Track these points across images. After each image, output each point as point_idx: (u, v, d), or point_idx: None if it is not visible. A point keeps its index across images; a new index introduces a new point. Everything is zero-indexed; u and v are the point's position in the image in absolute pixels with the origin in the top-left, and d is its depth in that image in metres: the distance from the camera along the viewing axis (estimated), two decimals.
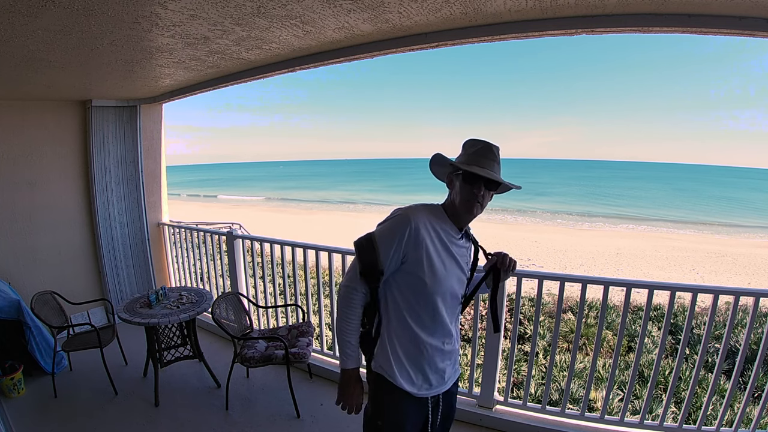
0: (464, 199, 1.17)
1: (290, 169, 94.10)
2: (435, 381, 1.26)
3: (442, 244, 1.19)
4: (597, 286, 2.05)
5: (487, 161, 1.16)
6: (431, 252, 1.16)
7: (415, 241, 1.14)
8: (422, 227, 1.15)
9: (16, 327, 2.71)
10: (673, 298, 1.93)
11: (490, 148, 1.18)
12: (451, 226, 1.22)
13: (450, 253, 1.21)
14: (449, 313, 1.24)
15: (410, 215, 1.16)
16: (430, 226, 1.18)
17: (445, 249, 1.20)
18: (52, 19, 1.54)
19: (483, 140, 1.20)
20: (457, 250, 1.24)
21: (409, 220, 1.15)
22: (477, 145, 1.19)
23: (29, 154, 3.31)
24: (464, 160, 1.19)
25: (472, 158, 1.17)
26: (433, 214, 1.21)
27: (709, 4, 1.43)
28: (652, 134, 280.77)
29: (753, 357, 2.41)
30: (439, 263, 1.18)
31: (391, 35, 1.93)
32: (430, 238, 1.16)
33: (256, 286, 3.34)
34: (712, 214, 24.82)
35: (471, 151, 1.19)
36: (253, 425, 2.32)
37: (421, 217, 1.16)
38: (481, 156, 1.17)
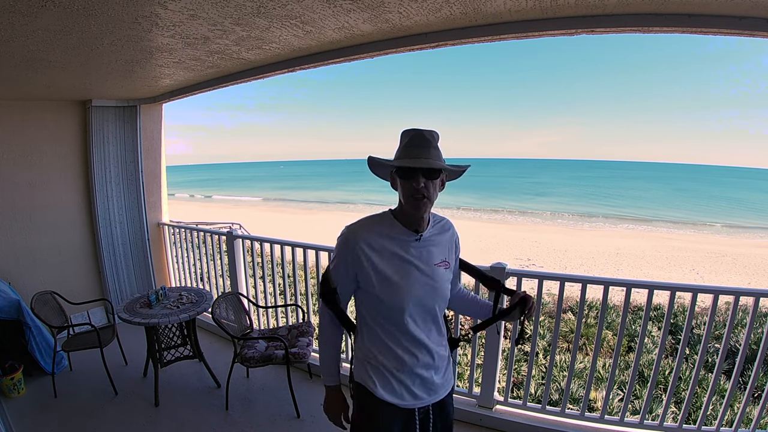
0: (407, 197, 1.08)
1: (290, 169, 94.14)
2: (421, 392, 1.17)
3: (394, 254, 1.12)
4: (597, 286, 2.06)
5: (419, 150, 1.07)
6: (380, 267, 1.10)
7: (358, 261, 1.10)
8: (363, 244, 1.10)
9: (16, 327, 2.71)
10: (673, 298, 1.93)
11: (422, 135, 1.09)
12: (403, 231, 1.13)
13: (407, 261, 1.12)
14: (420, 323, 1.15)
15: (349, 235, 1.12)
16: (375, 240, 1.11)
17: (399, 258, 1.12)
18: (52, 19, 1.54)
19: (415, 128, 1.11)
20: (418, 253, 1.14)
21: (347, 241, 1.11)
22: (408, 135, 1.11)
23: (29, 154, 3.31)
24: (397, 156, 1.11)
25: (404, 151, 1.09)
26: (379, 224, 1.14)
27: (709, 4, 1.43)
28: (652, 134, 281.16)
29: (753, 357, 2.41)
30: (394, 275, 1.10)
31: (391, 35, 1.93)
32: (376, 252, 1.10)
33: (256, 286, 3.34)
34: (712, 214, 24.84)
35: (402, 145, 1.11)
36: (253, 425, 2.32)
37: (361, 234, 1.11)
38: (413, 146, 1.08)
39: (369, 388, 1.15)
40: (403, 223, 1.14)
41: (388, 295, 1.10)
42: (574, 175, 62.17)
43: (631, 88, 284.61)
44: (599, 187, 42.63)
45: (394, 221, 1.14)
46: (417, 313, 1.14)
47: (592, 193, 36.91)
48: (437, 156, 1.09)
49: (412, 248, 1.14)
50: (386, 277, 1.10)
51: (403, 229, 1.13)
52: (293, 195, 37.81)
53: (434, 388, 1.19)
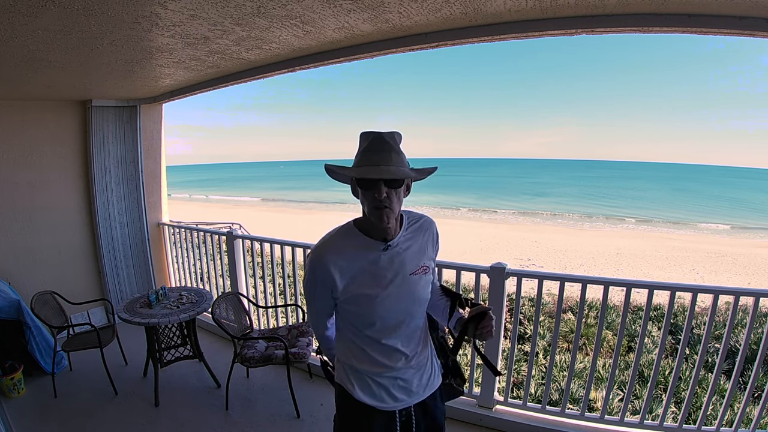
0: (370, 208, 1.03)
1: (290, 169, 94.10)
2: (400, 395, 1.16)
3: (363, 269, 1.08)
4: (597, 286, 2.06)
5: (379, 155, 1.00)
6: (350, 286, 1.07)
7: (329, 282, 1.07)
8: (331, 265, 1.06)
9: (16, 327, 2.71)
10: (673, 298, 1.93)
11: (381, 139, 1.02)
12: (369, 242, 1.08)
13: (377, 274, 1.09)
14: (396, 331, 1.13)
15: (315, 260, 1.08)
16: (342, 258, 1.07)
17: (368, 272, 1.08)
18: (52, 19, 1.54)
19: (374, 132, 1.04)
20: (388, 263, 1.10)
21: (314, 267, 1.08)
22: (367, 139, 1.04)
23: (29, 154, 3.31)
24: (355, 161, 1.05)
25: (363, 157, 1.02)
26: (343, 239, 1.10)
27: (709, 4, 1.43)
28: (652, 134, 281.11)
29: (753, 357, 2.41)
30: (366, 290, 1.08)
31: (391, 35, 1.93)
32: (345, 271, 1.07)
33: (256, 286, 3.34)
34: (712, 214, 24.84)
35: (360, 150, 1.05)
36: (253, 425, 2.32)
37: (328, 256, 1.07)
38: (372, 151, 1.01)
39: (348, 390, 1.16)
40: (369, 233, 1.09)
41: (361, 309, 1.10)
42: (574, 175, 62.17)
43: (631, 88, 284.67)
44: (599, 187, 42.64)
45: (358, 234, 1.09)
46: (392, 323, 1.12)
47: (592, 193, 36.92)
48: (399, 161, 1.02)
49: (382, 259, 1.09)
50: (358, 294, 1.08)
51: (368, 240, 1.08)
52: (293, 195, 37.82)
53: (415, 390, 1.18)
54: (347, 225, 1.13)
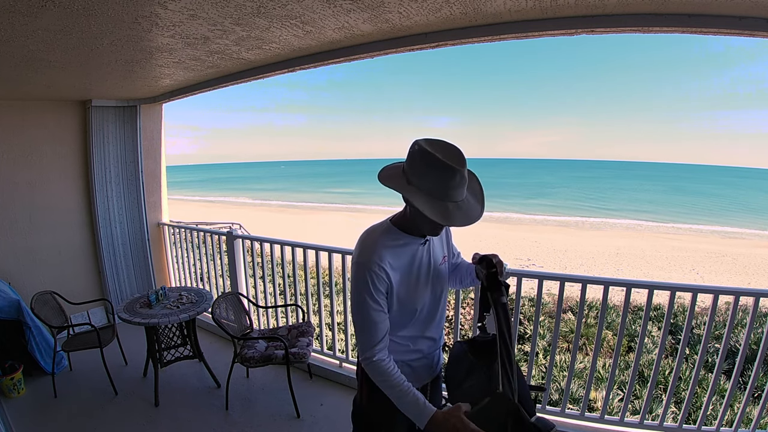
0: (432, 227, 1.08)
1: (291, 169, 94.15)
2: (426, 374, 1.28)
3: (407, 264, 1.13)
4: (597, 286, 2.05)
5: (457, 191, 1.01)
6: (399, 282, 1.11)
7: (386, 281, 1.08)
8: (387, 267, 1.08)
9: (16, 327, 2.71)
10: (673, 298, 1.93)
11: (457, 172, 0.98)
12: (411, 238, 1.14)
13: (417, 267, 1.15)
14: (428, 318, 1.23)
15: (370, 264, 1.06)
16: (392, 258, 1.10)
17: (411, 268, 1.14)
18: (52, 19, 1.54)
19: (446, 162, 0.98)
20: (426, 256, 1.18)
21: (373, 272, 1.06)
22: (437, 166, 0.98)
23: (29, 154, 3.31)
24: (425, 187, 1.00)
25: (437, 187, 0.99)
26: (389, 239, 1.12)
27: (709, 4, 1.43)
28: (652, 134, 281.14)
29: (753, 357, 2.41)
30: (410, 285, 1.14)
31: (391, 35, 1.93)
32: (395, 269, 1.10)
33: (256, 286, 3.34)
34: (712, 214, 24.83)
35: (433, 176, 0.99)
36: (253, 425, 2.32)
37: (383, 257, 1.07)
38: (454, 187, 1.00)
39: None
40: (410, 231, 1.13)
41: (405, 304, 1.15)
42: (574, 174, 62.18)
43: (631, 88, 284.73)
44: (599, 187, 42.64)
45: (399, 232, 1.13)
46: (429, 313, 1.22)
47: (592, 193, 36.92)
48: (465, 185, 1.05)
49: (420, 252, 1.16)
50: (405, 290, 1.13)
51: (409, 237, 1.14)
52: (294, 195, 37.82)
53: (435, 367, 1.32)
54: (386, 225, 1.16)
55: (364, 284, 1.07)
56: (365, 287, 1.07)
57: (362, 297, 1.08)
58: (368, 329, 1.09)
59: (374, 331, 1.09)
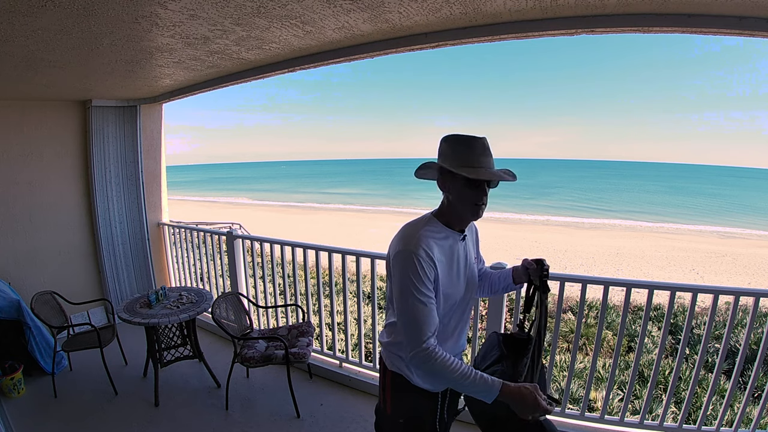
0: (471, 204, 1.11)
1: (292, 169, 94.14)
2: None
3: (450, 257, 1.15)
4: (597, 286, 2.05)
5: (486, 159, 1.09)
6: (443, 273, 1.12)
7: (434, 269, 1.09)
8: (435, 257, 1.09)
9: (16, 327, 2.71)
10: (673, 298, 1.92)
11: (484, 144, 1.10)
12: (452, 232, 1.17)
13: (457, 262, 1.18)
14: (464, 318, 1.26)
15: (420, 253, 1.06)
16: (438, 249, 1.11)
17: (452, 261, 1.16)
18: (52, 19, 1.54)
19: (469, 136, 1.10)
20: (464, 252, 1.21)
21: (423, 260, 1.06)
22: (467, 143, 1.09)
23: (29, 154, 3.31)
24: (461, 163, 1.08)
25: (469, 158, 1.08)
26: (435, 230, 1.14)
27: (709, 4, 1.43)
28: (652, 134, 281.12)
29: (753, 357, 2.41)
30: (451, 278, 1.16)
31: (391, 35, 1.93)
32: (441, 261, 1.12)
33: (256, 286, 3.33)
34: (712, 214, 24.83)
35: (463, 151, 1.09)
36: (253, 425, 2.32)
37: (430, 247, 1.09)
38: (479, 155, 1.08)
39: (406, 376, 1.21)
40: (450, 225, 1.16)
41: (443, 299, 1.14)
42: (574, 174, 62.17)
43: (632, 89, 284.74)
44: (599, 187, 42.63)
45: (442, 226, 1.16)
46: (461, 310, 1.24)
47: (592, 193, 36.91)
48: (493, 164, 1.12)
49: (459, 248, 1.19)
50: (446, 282, 1.14)
51: (450, 231, 1.16)
52: (294, 195, 37.81)
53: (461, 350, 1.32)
54: (429, 217, 1.18)
55: (415, 271, 1.05)
56: (416, 274, 1.05)
57: (413, 285, 1.05)
58: (422, 319, 1.05)
59: (429, 321, 1.06)
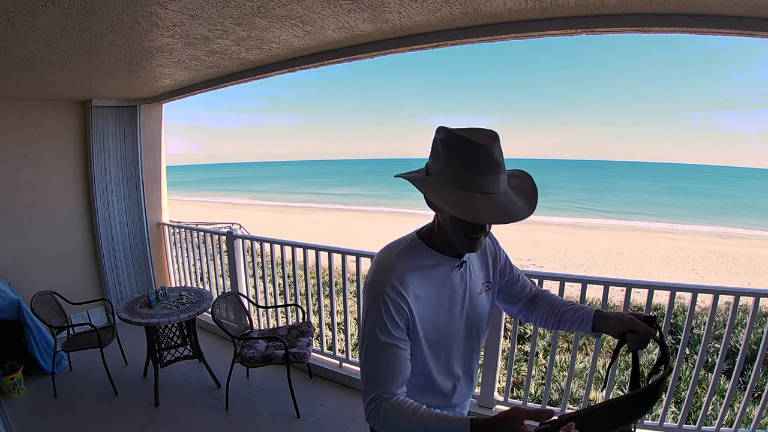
0: (461, 236, 0.82)
1: (293, 169, 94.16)
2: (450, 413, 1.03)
3: (437, 293, 0.90)
4: (597, 286, 2.06)
5: (490, 179, 0.75)
6: (424, 315, 0.88)
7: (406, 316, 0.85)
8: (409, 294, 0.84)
9: (16, 327, 2.71)
10: (673, 298, 1.93)
11: (491, 155, 0.74)
12: (442, 259, 0.90)
13: (453, 297, 0.92)
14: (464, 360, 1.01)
15: (387, 288, 0.83)
16: (417, 282, 0.86)
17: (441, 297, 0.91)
18: (52, 19, 1.54)
19: (475, 142, 0.74)
20: (461, 282, 0.93)
21: (388, 298, 0.83)
22: (468, 153, 0.74)
23: (29, 154, 3.31)
24: (453, 180, 0.76)
25: (466, 178, 0.74)
26: (414, 258, 0.88)
27: (709, 4, 1.43)
28: (653, 134, 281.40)
29: (753, 357, 2.41)
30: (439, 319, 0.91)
31: (391, 35, 1.93)
32: (421, 299, 0.87)
33: (256, 286, 3.34)
34: (712, 214, 24.83)
35: (460, 164, 0.75)
36: (253, 425, 2.32)
37: (404, 280, 0.84)
38: (478, 173, 0.74)
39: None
40: (440, 249, 0.89)
41: (432, 342, 0.91)
42: (574, 174, 62.20)
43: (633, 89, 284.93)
44: (599, 187, 42.64)
45: (428, 250, 0.89)
46: (461, 352, 0.99)
47: (592, 193, 36.92)
48: (505, 179, 0.79)
49: (454, 277, 0.92)
50: (431, 325, 0.89)
51: (440, 257, 0.89)
52: (294, 195, 37.83)
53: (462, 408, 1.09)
54: (412, 239, 0.91)
55: (376, 313, 0.83)
56: (377, 317, 0.83)
57: (372, 329, 0.83)
58: (383, 367, 0.83)
59: (393, 369, 0.83)
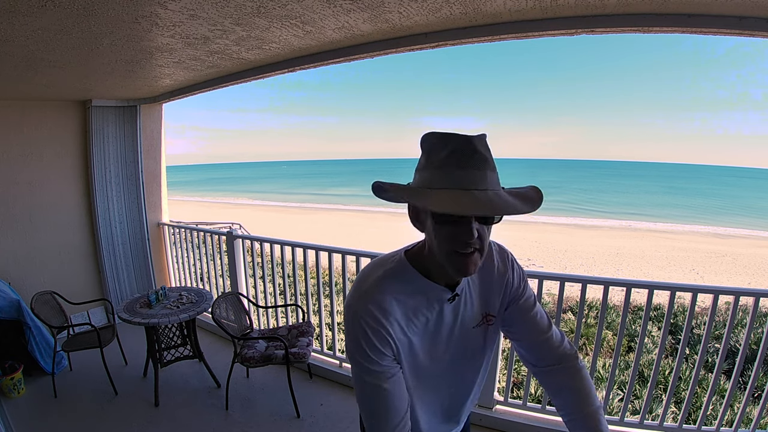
0: (448, 250, 0.70)
1: (293, 169, 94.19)
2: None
3: (426, 326, 0.79)
4: (597, 286, 2.05)
5: (470, 174, 0.66)
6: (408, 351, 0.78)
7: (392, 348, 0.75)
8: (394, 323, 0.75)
9: (16, 327, 2.71)
10: (673, 298, 1.93)
11: (471, 147, 0.66)
12: (433, 288, 0.77)
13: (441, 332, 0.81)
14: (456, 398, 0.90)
15: (370, 317, 0.73)
16: (402, 312, 0.76)
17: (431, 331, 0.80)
18: (52, 19, 1.54)
19: (454, 134, 0.68)
20: (452, 315, 0.81)
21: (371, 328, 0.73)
22: (445, 146, 0.67)
23: (29, 154, 3.31)
24: (429, 180, 0.68)
25: (443, 175, 0.67)
26: (400, 283, 0.77)
27: (709, 4, 1.43)
28: (652, 134, 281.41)
29: (753, 357, 2.41)
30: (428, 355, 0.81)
31: (391, 35, 1.93)
32: (406, 331, 0.77)
33: (256, 286, 3.34)
34: (712, 214, 24.83)
35: (437, 160, 0.67)
36: (254, 425, 2.32)
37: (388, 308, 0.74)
38: (459, 167, 0.66)
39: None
40: (429, 275, 0.77)
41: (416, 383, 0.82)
42: (574, 174, 62.19)
43: (633, 89, 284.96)
44: (599, 187, 42.64)
45: (417, 275, 0.77)
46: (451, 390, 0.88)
47: (592, 193, 36.91)
48: (496, 182, 0.69)
49: (445, 312, 0.80)
50: (414, 362, 0.80)
51: (430, 285, 0.77)
52: (294, 195, 37.83)
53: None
54: (399, 260, 0.79)
55: (358, 342, 0.73)
56: (359, 348, 0.73)
57: (360, 361, 0.74)
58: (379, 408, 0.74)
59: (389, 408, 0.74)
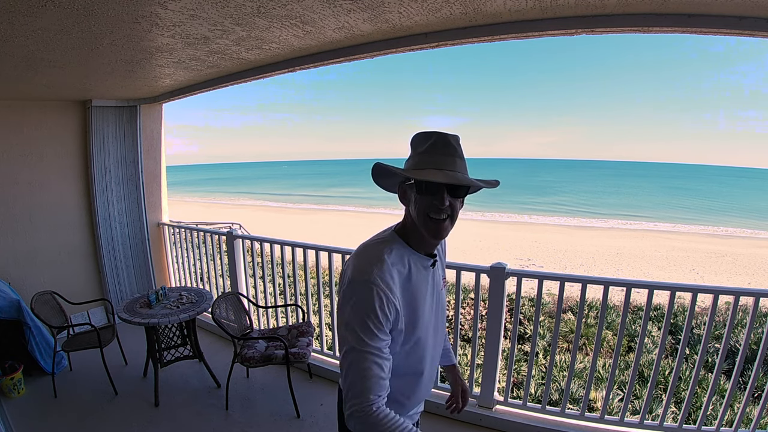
0: (425, 217, 0.88)
1: (293, 169, 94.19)
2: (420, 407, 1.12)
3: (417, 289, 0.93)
4: (597, 286, 2.05)
5: (444, 159, 0.87)
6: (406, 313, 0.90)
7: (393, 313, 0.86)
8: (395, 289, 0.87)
9: (16, 327, 2.71)
10: (673, 298, 1.93)
11: (446, 140, 0.88)
12: (418, 257, 0.94)
13: (427, 294, 0.97)
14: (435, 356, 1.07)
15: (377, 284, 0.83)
16: (400, 278, 0.89)
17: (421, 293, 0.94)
18: (52, 19, 1.54)
19: (435, 131, 0.90)
20: (432, 280, 0.99)
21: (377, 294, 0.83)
22: (428, 140, 0.89)
23: (29, 154, 3.31)
24: (414, 164, 0.89)
25: (425, 159, 0.87)
26: (396, 254, 0.91)
27: (709, 4, 1.43)
28: (652, 134, 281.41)
29: (753, 357, 2.41)
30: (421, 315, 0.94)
31: (391, 35, 1.93)
32: (404, 294, 0.90)
33: (256, 286, 3.34)
34: (712, 214, 24.84)
35: (421, 150, 0.89)
36: (253, 425, 2.32)
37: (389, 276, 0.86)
38: (436, 153, 0.87)
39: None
40: (415, 246, 0.94)
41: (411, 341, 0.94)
42: (574, 174, 62.21)
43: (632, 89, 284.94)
44: (599, 187, 42.65)
45: (406, 247, 0.93)
46: (435, 349, 1.05)
47: (592, 193, 36.93)
48: (464, 168, 0.89)
49: (428, 276, 0.97)
50: (411, 323, 0.92)
51: (416, 255, 0.94)
52: (294, 195, 37.84)
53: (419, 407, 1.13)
54: (391, 236, 0.95)
55: (370, 306, 0.82)
56: (371, 310, 0.82)
57: (364, 324, 0.82)
58: (371, 375, 0.82)
59: (375, 372, 0.82)
